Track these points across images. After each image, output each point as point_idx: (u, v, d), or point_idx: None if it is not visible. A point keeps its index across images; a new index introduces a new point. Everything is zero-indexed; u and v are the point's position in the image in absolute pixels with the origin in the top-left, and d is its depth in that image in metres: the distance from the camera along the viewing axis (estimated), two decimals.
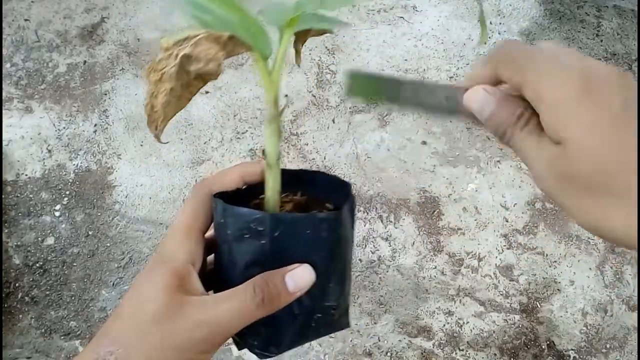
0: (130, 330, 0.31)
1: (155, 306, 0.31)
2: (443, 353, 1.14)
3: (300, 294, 0.33)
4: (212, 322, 0.31)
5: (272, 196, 0.36)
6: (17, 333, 1.14)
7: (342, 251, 0.35)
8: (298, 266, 0.33)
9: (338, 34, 1.45)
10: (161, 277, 0.32)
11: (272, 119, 0.34)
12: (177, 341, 0.30)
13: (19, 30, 1.45)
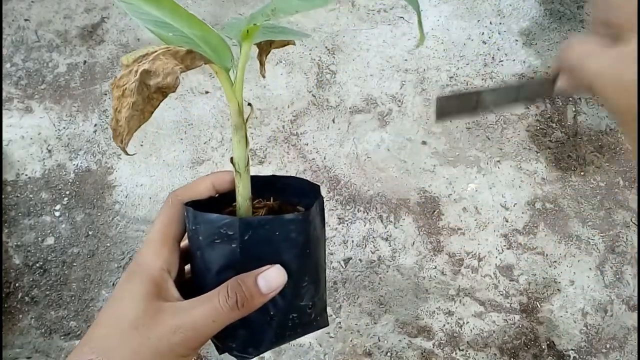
0: (110, 337, 0.32)
1: (133, 313, 0.32)
2: (443, 353, 1.14)
3: (273, 295, 0.33)
4: (187, 327, 0.31)
5: (243, 202, 0.37)
6: (17, 333, 1.14)
7: (313, 251, 0.36)
8: (270, 267, 0.33)
9: (338, 34, 1.46)
10: (139, 285, 0.33)
11: (238, 128, 0.36)
12: (155, 346, 0.31)
13: (19, 30, 1.45)
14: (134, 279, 0.33)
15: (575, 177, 1.31)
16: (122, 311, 0.33)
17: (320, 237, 0.37)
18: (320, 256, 0.37)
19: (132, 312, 0.32)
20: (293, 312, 0.36)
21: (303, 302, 0.36)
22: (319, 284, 0.37)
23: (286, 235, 0.34)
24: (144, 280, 0.33)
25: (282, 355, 1.13)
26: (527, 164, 1.32)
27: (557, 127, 1.36)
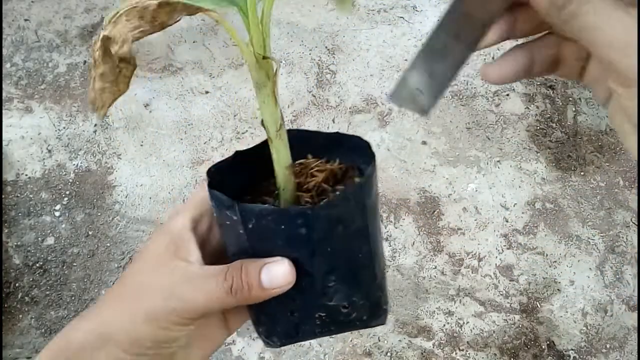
0: (111, 298, 0.32)
1: (141, 272, 0.31)
2: (443, 353, 1.14)
3: (278, 292, 0.30)
4: (182, 296, 0.30)
5: (280, 172, 0.32)
6: (17, 333, 1.14)
7: (339, 248, 0.31)
8: (278, 261, 0.30)
9: (338, 34, 1.46)
10: (157, 243, 0.32)
11: (261, 85, 0.30)
12: (151, 308, 0.30)
13: (19, 30, 1.45)
14: (157, 237, 0.33)
15: (575, 177, 1.31)
16: (132, 270, 0.32)
17: (361, 230, 0.32)
18: (358, 253, 0.32)
19: (141, 272, 0.32)
20: (320, 311, 0.33)
21: (332, 302, 0.32)
22: (357, 283, 0.33)
23: (293, 231, 0.30)
24: (162, 240, 0.32)
25: (282, 355, 1.13)
26: (527, 164, 1.32)
27: (557, 127, 1.36)
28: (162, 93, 1.38)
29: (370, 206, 0.32)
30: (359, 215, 0.31)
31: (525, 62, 0.27)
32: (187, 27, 1.45)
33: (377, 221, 0.34)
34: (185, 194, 1.27)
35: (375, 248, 0.33)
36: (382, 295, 0.35)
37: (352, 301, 0.33)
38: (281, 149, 0.32)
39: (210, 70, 1.41)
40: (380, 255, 0.35)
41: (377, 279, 0.34)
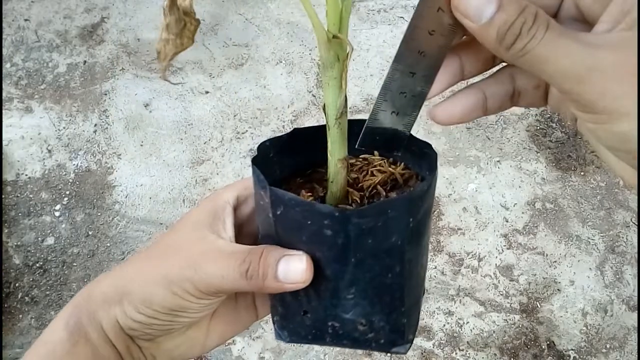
0: (138, 259, 0.32)
1: (176, 237, 0.32)
2: (443, 353, 1.14)
3: (291, 287, 0.29)
4: (199, 268, 0.30)
5: (332, 163, 0.30)
6: (17, 333, 1.14)
7: (366, 261, 0.29)
8: (297, 255, 0.29)
9: None
10: (196, 212, 0.32)
11: (327, 66, 0.27)
12: (167, 271, 0.30)
13: (19, 30, 1.45)
14: (200, 206, 0.33)
15: (575, 177, 1.31)
16: (168, 233, 0.33)
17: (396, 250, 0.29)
18: (390, 272, 0.29)
19: (173, 236, 0.32)
20: (333, 321, 0.31)
21: (349, 315, 0.30)
22: (380, 303, 0.30)
23: (319, 230, 0.28)
24: (204, 209, 0.32)
25: (282, 355, 1.13)
26: (527, 164, 1.32)
27: (557, 127, 1.37)
28: (162, 93, 1.38)
29: (414, 226, 0.29)
30: (397, 232, 0.28)
31: (477, 101, 0.27)
32: None
33: (420, 244, 0.31)
34: (185, 194, 1.27)
35: (410, 272, 0.30)
36: (407, 324, 0.32)
37: (370, 320, 0.31)
38: (337, 139, 0.29)
39: (210, 70, 1.41)
40: (415, 281, 0.32)
41: (405, 306, 0.31)
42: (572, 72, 0.21)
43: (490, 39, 0.22)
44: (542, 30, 0.21)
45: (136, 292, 0.30)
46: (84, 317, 0.31)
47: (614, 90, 0.21)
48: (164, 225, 1.24)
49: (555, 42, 0.21)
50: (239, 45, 1.44)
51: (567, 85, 0.22)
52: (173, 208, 1.26)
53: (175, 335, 0.34)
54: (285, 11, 1.49)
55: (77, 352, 0.31)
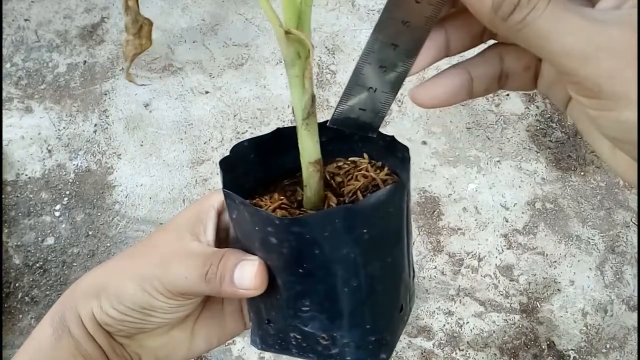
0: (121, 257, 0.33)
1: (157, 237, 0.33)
2: (443, 353, 1.14)
3: (245, 294, 0.28)
4: (167, 268, 0.30)
5: (304, 166, 0.29)
6: (17, 333, 1.14)
7: (315, 272, 0.27)
8: (251, 259, 0.28)
9: (338, 34, 1.46)
10: (185, 214, 0.33)
11: (289, 63, 0.26)
12: (142, 268, 0.30)
13: (19, 30, 1.45)
14: (187, 209, 0.33)
15: (575, 177, 1.31)
16: (152, 234, 0.33)
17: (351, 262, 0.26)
18: (346, 285, 0.27)
19: (155, 236, 0.33)
20: (294, 332, 0.29)
21: (307, 328, 0.29)
22: (340, 318, 0.28)
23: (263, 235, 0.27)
24: (189, 211, 0.33)
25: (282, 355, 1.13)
26: (527, 164, 1.32)
27: (557, 127, 1.37)
28: (162, 93, 1.38)
29: (370, 238, 0.26)
30: (348, 245, 0.26)
31: (462, 82, 0.24)
32: (187, 27, 1.45)
33: (386, 259, 0.28)
34: (185, 194, 1.27)
35: (372, 288, 0.28)
36: (377, 342, 0.29)
37: (332, 335, 0.29)
38: (307, 141, 0.28)
39: (210, 70, 1.41)
40: (382, 298, 0.29)
41: (371, 324, 0.28)
42: (577, 50, 0.18)
43: (485, 9, 0.19)
44: (545, 0, 0.19)
45: (111, 287, 0.31)
46: (67, 312, 0.32)
47: (624, 73, 0.18)
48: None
49: (559, 15, 0.18)
50: (239, 45, 1.44)
51: (570, 65, 0.19)
52: (173, 208, 1.26)
53: (157, 334, 0.33)
54: None
55: (61, 347, 0.31)
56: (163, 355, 0.34)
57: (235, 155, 0.31)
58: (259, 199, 0.31)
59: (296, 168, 0.31)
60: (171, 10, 1.47)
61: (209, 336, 0.35)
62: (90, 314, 0.31)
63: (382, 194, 0.26)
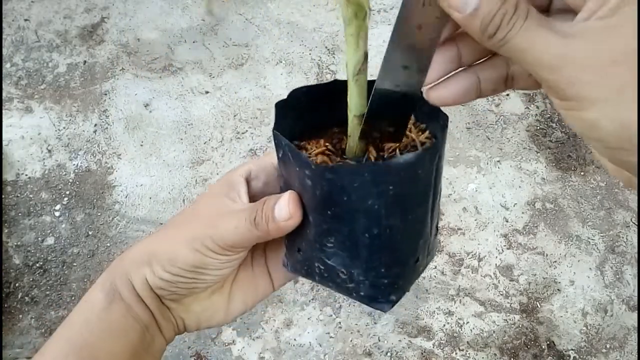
0: (168, 226, 0.37)
1: (197, 206, 0.36)
2: (443, 353, 1.14)
3: (286, 225, 0.32)
4: (217, 225, 0.33)
5: (350, 118, 0.31)
6: (17, 333, 1.14)
7: (341, 215, 0.30)
8: (284, 194, 0.32)
9: (338, 34, 1.45)
10: (217, 185, 0.37)
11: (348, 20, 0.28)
12: (192, 230, 0.34)
13: (19, 30, 1.45)
14: (218, 181, 0.37)
15: (575, 177, 1.31)
16: (190, 205, 0.37)
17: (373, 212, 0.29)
18: (366, 231, 0.30)
19: (195, 206, 0.36)
20: (319, 263, 0.33)
21: (330, 261, 0.32)
22: (358, 258, 0.31)
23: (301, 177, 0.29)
24: (220, 182, 0.36)
25: (282, 355, 1.13)
26: (527, 164, 1.32)
27: (557, 127, 1.37)
28: (162, 93, 1.38)
29: (395, 194, 0.29)
30: (373, 197, 0.29)
31: (471, 84, 0.28)
32: (187, 27, 1.45)
33: (408, 215, 0.31)
34: (185, 194, 1.27)
35: (390, 238, 0.31)
36: (389, 285, 0.33)
37: (350, 272, 0.32)
38: (355, 96, 0.30)
39: (210, 70, 1.41)
40: (400, 247, 0.32)
41: (385, 268, 0.32)
42: (545, 61, 0.22)
43: (475, 29, 0.23)
44: (521, 20, 0.22)
45: (163, 252, 0.34)
46: (117, 279, 0.35)
47: (582, 79, 0.21)
48: None
49: (532, 32, 0.22)
50: (239, 45, 1.44)
51: (542, 74, 0.23)
52: (173, 208, 1.26)
53: (201, 298, 0.37)
54: (285, 11, 1.49)
55: (113, 309, 0.34)
56: (204, 318, 0.38)
57: (291, 99, 0.33)
58: (306, 142, 0.35)
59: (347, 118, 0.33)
60: (171, 10, 1.47)
61: (245, 298, 0.39)
62: (143, 279, 0.34)
63: (412, 158, 0.28)
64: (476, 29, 0.23)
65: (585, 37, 0.22)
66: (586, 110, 0.22)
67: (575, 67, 0.22)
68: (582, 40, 0.22)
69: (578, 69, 0.22)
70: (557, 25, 0.22)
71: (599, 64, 0.21)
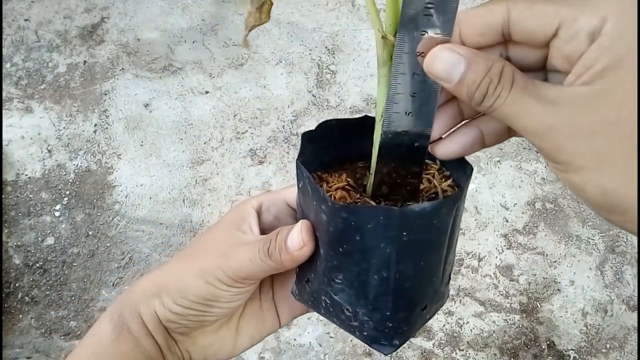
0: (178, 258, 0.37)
1: (206, 236, 0.37)
2: (443, 353, 1.14)
3: (298, 255, 0.31)
4: (229, 256, 0.33)
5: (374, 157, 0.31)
6: (17, 333, 1.14)
7: (350, 254, 0.30)
8: (297, 224, 0.32)
9: (338, 34, 1.45)
10: (228, 216, 0.37)
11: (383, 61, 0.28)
12: (202, 262, 0.34)
13: (19, 30, 1.45)
14: (229, 212, 0.38)
15: None
16: (201, 236, 0.37)
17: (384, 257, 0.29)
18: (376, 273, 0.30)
19: (206, 237, 0.36)
20: (325, 297, 0.32)
21: (337, 297, 0.32)
22: (365, 297, 0.31)
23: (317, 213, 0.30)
24: (232, 214, 0.37)
25: (282, 355, 1.13)
26: (527, 164, 1.32)
27: None
28: (162, 93, 1.38)
29: (409, 240, 0.29)
30: (386, 241, 0.29)
31: (474, 137, 0.28)
32: (187, 27, 1.45)
33: (421, 261, 0.30)
34: (185, 194, 1.27)
35: (400, 284, 0.30)
36: (394, 328, 0.32)
37: (355, 310, 0.32)
38: (377, 139, 0.31)
39: (210, 70, 1.41)
40: (409, 293, 0.31)
41: (392, 311, 0.31)
42: (532, 130, 0.23)
43: (464, 97, 0.24)
44: (507, 89, 0.23)
45: (173, 284, 0.34)
46: (126, 311, 0.35)
47: (568, 148, 0.23)
48: (164, 225, 1.24)
49: (518, 101, 0.23)
50: (239, 45, 1.44)
51: (530, 140, 0.24)
52: (173, 208, 1.26)
53: (208, 332, 0.37)
54: (285, 11, 1.49)
55: (121, 342, 0.34)
56: (211, 352, 0.37)
57: (321, 130, 0.34)
58: (329, 174, 0.35)
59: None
60: (171, 10, 1.47)
61: (252, 332, 0.39)
62: (153, 312, 0.34)
63: (428, 206, 0.28)
64: (465, 97, 0.24)
65: (568, 105, 0.22)
66: (573, 175, 0.23)
67: (560, 135, 0.22)
68: (565, 108, 0.22)
69: (562, 138, 0.22)
70: (543, 91, 0.23)
71: (580, 134, 0.22)
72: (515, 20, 0.23)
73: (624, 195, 0.22)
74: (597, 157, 0.22)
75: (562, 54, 0.23)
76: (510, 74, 0.23)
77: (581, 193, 0.24)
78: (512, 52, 0.25)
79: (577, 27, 0.22)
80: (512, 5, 0.23)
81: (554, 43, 0.23)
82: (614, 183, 0.22)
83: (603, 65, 0.21)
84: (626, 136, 0.21)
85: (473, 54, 0.24)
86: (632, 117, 0.21)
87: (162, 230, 1.24)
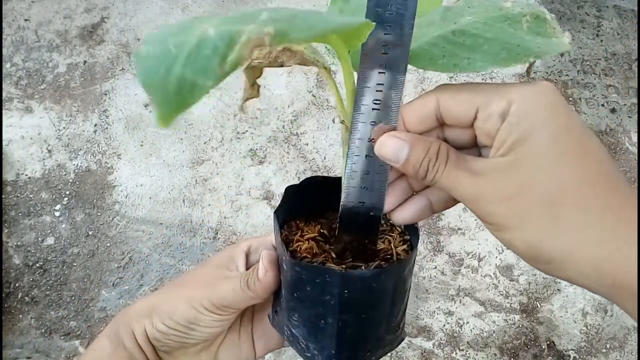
0: (171, 286, 0.41)
1: (199, 272, 0.41)
2: (443, 353, 1.14)
3: (268, 282, 0.36)
4: (216, 287, 0.37)
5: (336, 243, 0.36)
6: (17, 333, 1.14)
7: (302, 302, 0.34)
8: (262, 254, 0.37)
9: None
10: (219, 256, 0.42)
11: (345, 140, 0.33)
12: (191, 293, 0.38)
13: (19, 30, 1.45)
14: (220, 252, 0.42)
15: None
16: (193, 270, 0.42)
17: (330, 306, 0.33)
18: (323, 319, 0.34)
19: (197, 271, 0.41)
20: (287, 328, 0.37)
21: (294, 330, 0.36)
22: (315, 337, 0.35)
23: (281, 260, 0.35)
24: (222, 254, 0.41)
25: (282, 355, 1.13)
26: None
27: None
28: None
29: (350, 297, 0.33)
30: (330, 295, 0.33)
31: (424, 205, 0.32)
32: None
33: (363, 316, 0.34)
34: (185, 194, 1.27)
35: (344, 331, 0.34)
36: None
37: (307, 345, 0.36)
38: None
39: None
40: (356, 339, 0.35)
41: (336, 351, 0.35)
42: (465, 198, 0.27)
43: (410, 174, 0.29)
44: (442, 165, 0.28)
45: (163, 307, 0.39)
46: (122, 329, 0.39)
47: (494, 212, 0.27)
48: (164, 225, 1.24)
49: (452, 174, 0.27)
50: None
51: (466, 205, 0.28)
52: (173, 208, 1.26)
53: (190, 354, 0.41)
54: None
55: (117, 355, 0.38)
56: None
57: (304, 185, 0.39)
58: (305, 224, 0.39)
59: None
60: (171, 10, 1.47)
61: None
62: (143, 330, 0.39)
63: (368, 273, 0.33)
64: (411, 173, 0.29)
65: (490, 175, 0.27)
66: (503, 233, 0.27)
67: (486, 201, 0.27)
68: (487, 178, 0.27)
69: (488, 204, 0.27)
70: (471, 164, 0.27)
71: (502, 198, 0.26)
72: (444, 108, 0.28)
73: (546, 247, 0.25)
74: (519, 217, 0.26)
75: (483, 131, 0.27)
76: (445, 152, 0.28)
77: (511, 248, 0.27)
78: (447, 133, 0.29)
79: (490, 110, 0.26)
80: (440, 96, 0.28)
81: (476, 124, 0.27)
82: (535, 237, 0.26)
83: (514, 139, 0.26)
84: (540, 196, 0.25)
85: (414, 138, 0.28)
86: (543, 180, 0.25)
87: (162, 230, 1.24)
